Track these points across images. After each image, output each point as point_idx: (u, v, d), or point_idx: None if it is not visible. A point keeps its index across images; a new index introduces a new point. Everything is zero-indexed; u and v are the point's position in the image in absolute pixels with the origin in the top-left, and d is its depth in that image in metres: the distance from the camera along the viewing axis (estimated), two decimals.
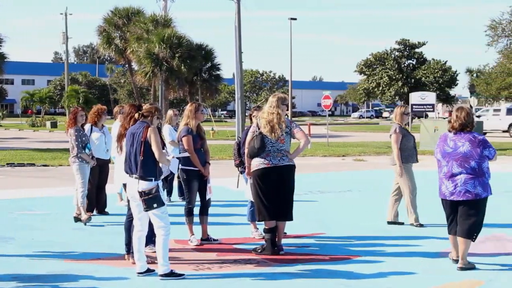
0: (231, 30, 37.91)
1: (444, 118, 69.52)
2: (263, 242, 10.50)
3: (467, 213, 9.36)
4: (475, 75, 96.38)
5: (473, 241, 9.47)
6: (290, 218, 10.45)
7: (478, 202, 9.36)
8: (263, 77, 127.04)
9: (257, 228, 11.55)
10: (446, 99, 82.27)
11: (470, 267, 9.41)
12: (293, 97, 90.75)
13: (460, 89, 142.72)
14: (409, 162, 12.56)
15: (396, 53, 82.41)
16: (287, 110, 10.62)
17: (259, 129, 10.19)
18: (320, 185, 19.01)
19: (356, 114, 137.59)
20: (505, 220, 13.22)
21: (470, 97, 68.02)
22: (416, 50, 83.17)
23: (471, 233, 9.36)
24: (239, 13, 38.06)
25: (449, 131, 9.54)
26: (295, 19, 78.04)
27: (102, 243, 11.22)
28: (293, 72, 74.13)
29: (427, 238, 11.53)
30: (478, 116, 58.48)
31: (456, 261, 9.59)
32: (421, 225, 12.56)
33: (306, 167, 24.12)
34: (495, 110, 59.20)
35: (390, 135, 12.62)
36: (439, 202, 9.78)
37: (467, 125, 9.37)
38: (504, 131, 53.36)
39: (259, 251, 10.33)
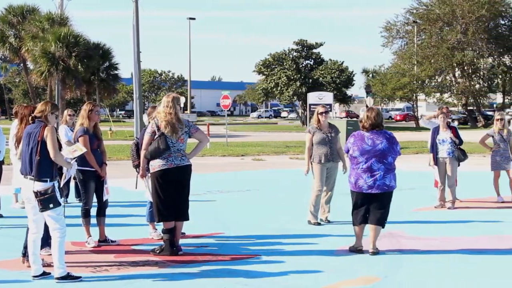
0: (129, 29, 37.54)
1: (341, 118, 70.64)
2: (162, 242, 10.45)
3: (382, 203, 10.30)
4: (371, 75, 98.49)
5: (383, 227, 10.41)
6: (188, 218, 10.45)
7: (391, 194, 10.40)
8: (162, 77, 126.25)
9: (156, 229, 11.47)
10: (343, 99, 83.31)
11: (378, 251, 10.31)
12: (192, 97, 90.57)
13: (357, 89, 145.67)
14: (321, 161, 12.74)
15: (294, 54, 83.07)
16: (186, 110, 10.60)
17: (159, 129, 10.13)
18: (219, 185, 19.02)
19: (255, 114, 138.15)
20: (400, 217, 13.50)
21: (366, 97, 69.47)
22: (314, 50, 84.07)
23: (384, 221, 10.37)
24: (137, 12, 37.74)
25: (361, 129, 10.25)
26: (193, 18, 78.06)
27: None
28: (192, 72, 74.07)
29: (324, 236, 11.68)
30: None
31: (359, 250, 10.27)
32: (319, 224, 12.76)
33: (205, 167, 24.11)
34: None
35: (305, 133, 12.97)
36: (339, 200, 9.97)
37: (377, 125, 10.20)
38: None
39: (158, 252, 10.27)
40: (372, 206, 10.30)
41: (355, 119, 55.25)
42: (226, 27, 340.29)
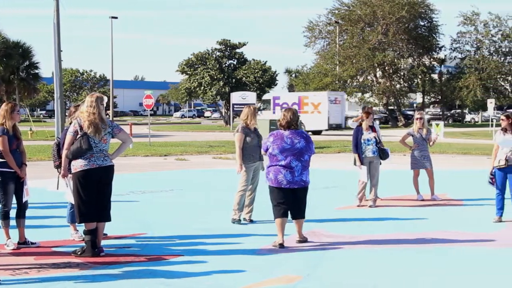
0: (50, 28, 36.96)
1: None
2: (83, 244, 10.32)
3: (300, 198, 10.98)
4: (293, 75, 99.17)
5: (304, 218, 11.10)
6: (110, 219, 10.35)
7: (307, 188, 11.09)
8: (84, 76, 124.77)
9: (77, 230, 11.34)
10: None
11: (306, 239, 11.18)
12: (114, 97, 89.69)
13: (280, 89, 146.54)
14: (249, 161, 12.79)
15: (218, 53, 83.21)
16: (109, 109, 10.51)
17: (81, 129, 10.01)
18: (141, 185, 18.90)
19: (178, 114, 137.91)
20: (322, 215, 13.63)
21: None
22: (237, 50, 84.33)
23: (304, 212, 11.12)
24: (58, 10, 37.17)
25: (279, 128, 10.87)
26: (116, 17, 77.22)
27: None
28: (115, 71, 73.42)
29: (247, 236, 11.73)
30: None
31: (282, 245, 10.73)
32: (239, 221, 12.83)
33: (128, 167, 23.95)
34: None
35: (234, 133, 12.93)
36: (262, 200, 10.01)
37: (292, 124, 10.90)
38: None
39: (79, 253, 10.14)
40: (292, 201, 10.91)
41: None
42: (149, 26, 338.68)
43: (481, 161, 27.68)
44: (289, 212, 11.00)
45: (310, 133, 25.02)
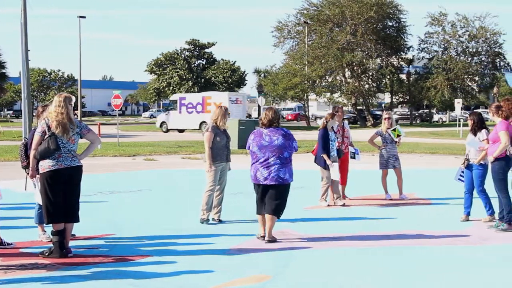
0: (17, 27, 36.67)
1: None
2: (51, 245, 10.24)
3: (276, 195, 11.10)
4: (262, 75, 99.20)
5: (278, 218, 11.24)
6: (78, 220, 10.29)
7: (286, 186, 11.23)
8: (51, 76, 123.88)
9: (45, 231, 11.25)
10: None
11: (274, 239, 11.17)
12: (82, 97, 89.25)
13: (249, 89, 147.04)
14: (217, 161, 12.77)
15: (186, 53, 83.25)
16: (77, 109, 10.44)
17: (49, 129, 9.94)
18: (110, 185, 18.80)
19: (147, 114, 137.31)
20: (291, 215, 13.63)
21: (258, 96, 69.71)
22: (206, 50, 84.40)
23: (278, 211, 11.17)
24: (25, 10, 36.89)
25: (261, 126, 11.10)
26: (84, 17, 76.89)
27: None
28: (83, 71, 73.09)
29: (217, 236, 11.71)
30: None
31: (263, 237, 11.19)
32: (207, 221, 12.81)
33: (96, 167, 23.82)
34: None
35: (203, 133, 12.96)
36: (232, 200, 10.00)
37: (273, 121, 11.19)
38: None
39: (47, 254, 10.07)
40: (267, 197, 11.14)
41: (247, 118, 55.79)
42: (117, 26, 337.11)
43: (448, 161, 27.92)
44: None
45: None
